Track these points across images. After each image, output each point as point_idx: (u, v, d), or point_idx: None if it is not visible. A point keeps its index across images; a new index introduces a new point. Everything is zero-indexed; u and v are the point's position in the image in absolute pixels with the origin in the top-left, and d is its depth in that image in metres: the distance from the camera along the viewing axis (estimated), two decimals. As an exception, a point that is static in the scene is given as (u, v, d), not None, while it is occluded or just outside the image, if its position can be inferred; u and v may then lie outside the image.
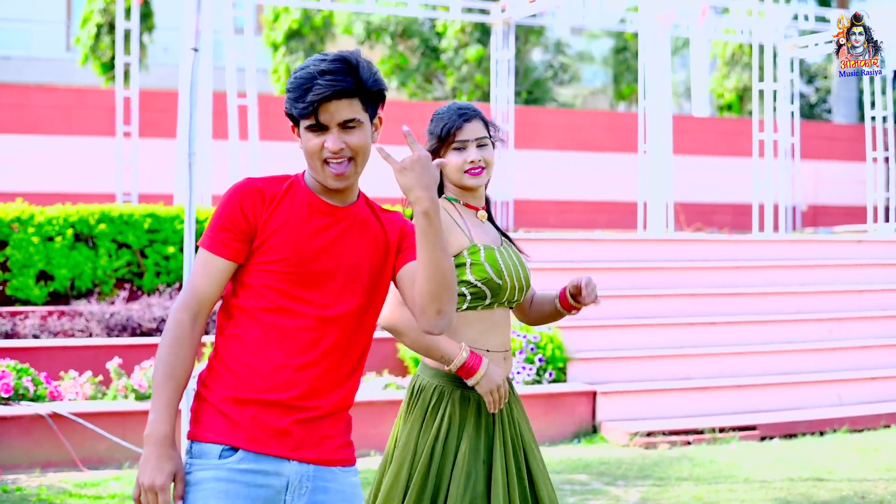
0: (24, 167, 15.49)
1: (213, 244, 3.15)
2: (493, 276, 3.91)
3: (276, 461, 3.09)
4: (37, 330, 9.90)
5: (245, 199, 3.16)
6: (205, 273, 3.15)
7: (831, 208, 20.25)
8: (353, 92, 3.14)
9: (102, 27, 17.82)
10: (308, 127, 3.15)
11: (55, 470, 8.33)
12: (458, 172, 4.04)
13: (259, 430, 3.08)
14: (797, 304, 11.95)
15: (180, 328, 3.11)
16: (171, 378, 3.08)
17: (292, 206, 3.19)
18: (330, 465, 3.17)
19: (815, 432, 10.15)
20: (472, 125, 4.04)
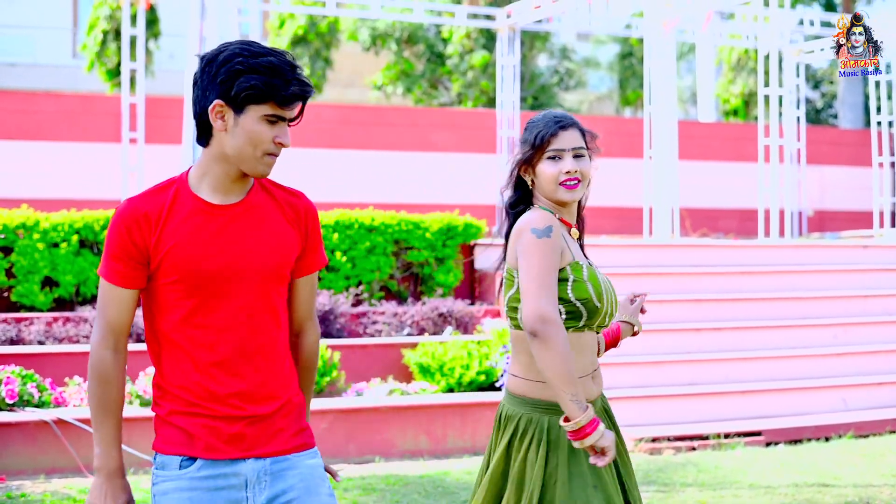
0: (29, 173, 15.51)
1: (111, 275, 3.21)
2: (594, 297, 3.68)
3: (233, 463, 3.21)
4: (42, 336, 9.91)
5: (132, 226, 3.19)
6: (111, 304, 3.23)
7: (837, 213, 20.21)
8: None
9: (108, 34, 17.85)
10: (268, 115, 3.15)
11: (60, 476, 8.34)
12: (553, 184, 3.72)
13: (213, 438, 3.20)
14: (802, 310, 11.93)
15: (103, 365, 3.22)
16: (107, 414, 3.22)
17: (180, 218, 3.20)
18: (285, 454, 3.28)
19: (821, 437, 10.14)
20: (569, 133, 3.73)
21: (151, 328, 3.27)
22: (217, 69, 3.13)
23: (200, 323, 3.20)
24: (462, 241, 11.97)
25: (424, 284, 11.82)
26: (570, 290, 3.66)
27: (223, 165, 3.21)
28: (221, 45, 3.20)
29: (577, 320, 3.68)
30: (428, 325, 10.96)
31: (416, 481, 8.30)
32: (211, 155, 3.22)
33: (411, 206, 13.93)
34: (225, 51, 3.16)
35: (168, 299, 3.20)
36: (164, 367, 3.25)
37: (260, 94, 3.12)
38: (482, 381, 10.02)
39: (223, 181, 3.22)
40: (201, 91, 3.18)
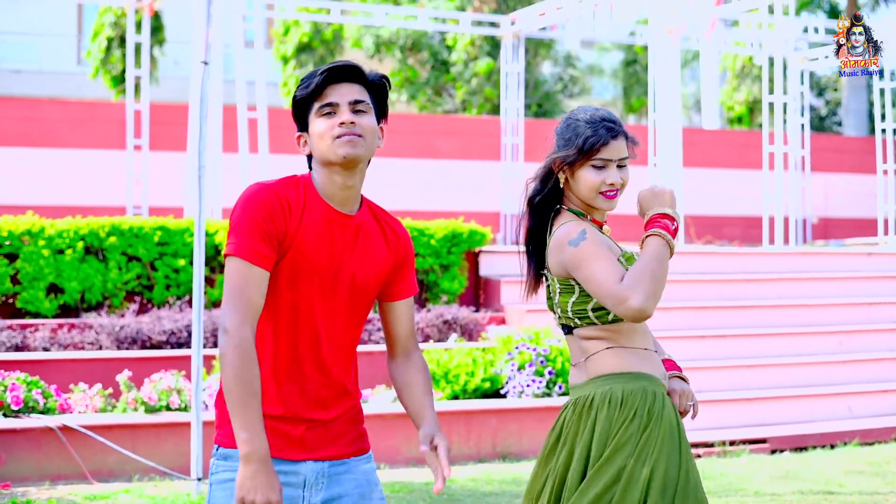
0: (34, 180, 15.53)
1: (252, 254, 3.17)
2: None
3: (293, 463, 3.25)
4: (47, 343, 9.92)
5: (276, 207, 3.21)
6: (252, 285, 3.16)
7: (842, 221, 20.21)
8: (358, 76, 3.32)
9: (113, 40, 17.88)
10: (319, 109, 3.27)
11: (65, 483, 8.33)
12: (593, 192, 3.66)
13: (275, 438, 3.22)
14: (807, 317, 11.93)
15: (247, 344, 3.14)
16: (253, 396, 3.12)
17: (310, 215, 3.26)
18: (343, 458, 3.33)
19: (826, 445, 10.12)
20: (618, 143, 3.65)
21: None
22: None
23: (292, 323, 3.23)
24: (467, 248, 11.96)
25: (429, 291, 11.82)
26: None
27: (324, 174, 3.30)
28: None
29: None
30: (433, 332, 10.96)
31: (422, 488, 8.30)
32: (316, 169, 3.32)
33: (416, 212, 13.94)
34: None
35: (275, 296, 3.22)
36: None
37: (303, 99, 3.29)
38: (487, 389, 10.01)
39: (332, 192, 3.30)
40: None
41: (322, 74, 3.27)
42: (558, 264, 3.66)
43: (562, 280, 3.68)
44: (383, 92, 3.39)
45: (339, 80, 3.28)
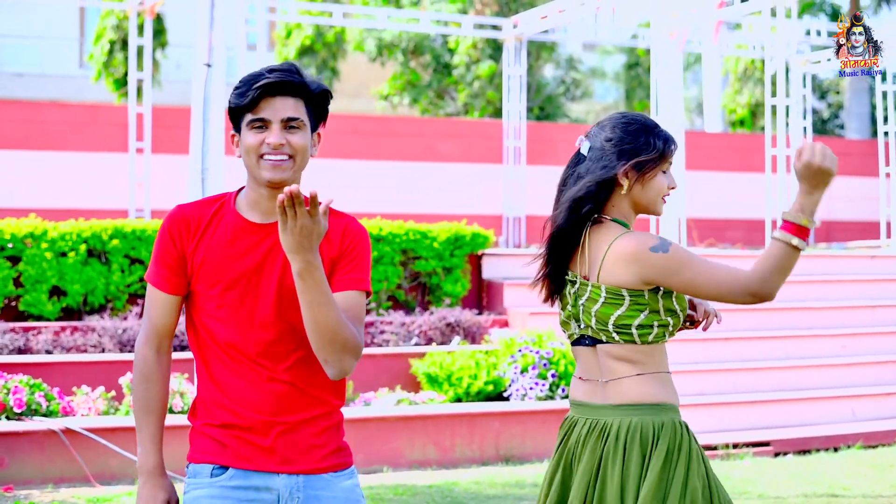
0: (37, 183, 15.52)
1: (156, 279, 3.28)
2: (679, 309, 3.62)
3: (266, 476, 3.20)
4: (49, 345, 9.91)
5: (174, 230, 3.25)
6: (156, 306, 3.29)
7: (844, 224, 20.19)
8: (298, 90, 3.20)
9: (115, 44, 17.87)
10: (250, 122, 3.19)
11: (68, 485, 8.34)
12: (660, 196, 3.66)
13: (245, 448, 3.20)
14: (810, 320, 11.92)
15: (146, 364, 3.29)
16: (148, 413, 3.28)
17: (217, 230, 3.24)
18: (320, 473, 3.24)
19: (830, 448, 10.12)
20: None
21: (189, 341, 3.33)
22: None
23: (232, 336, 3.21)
24: (470, 251, 11.96)
25: (432, 294, 11.82)
26: (675, 301, 3.58)
27: (251, 184, 3.27)
28: None
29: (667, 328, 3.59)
30: (436, 335, 10.96)
31: (425, 491, 8.29)
32: (246, 177, 3.29)
33: (418, 215, 13.93)
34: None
35: (202, 313, 3.25)
36: (198, 376, 3.31)
37: (237, 108, 3.21)
38: (490, 391, 10.01)
39: (258, 200, 3.26)
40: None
41: (257, 88, 3.16)
42: (635, 274, 3.52)
43: (613, 290, 3.55)
44: (324, 101, 3.28)
45: (274, 93, 3.18)
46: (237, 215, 3.25)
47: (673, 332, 3.62)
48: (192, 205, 3.29)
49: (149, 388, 3.28)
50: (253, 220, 3.24)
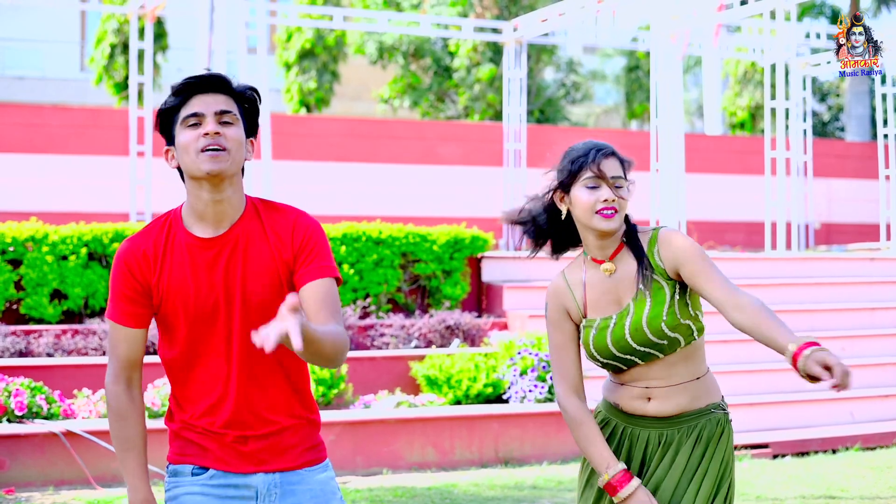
0: (38, 186, 15.56)
1: (118, 316, 3.29)
2: (588, 356, 3.76)
3: (244, 476, 3.29)
4: (50, 348, 9.94)
5: (133, 265, 3.26)
6: (121, 343, 3.31)
7: (844, 226, 20.22)
8: (227, 88, 3.26)
9: (116, 47, 17.92)
10: (184, 120, 3.22)
11: (68, 488, 8.36)
12: (588, 212, 3.69)
13: (224, 453, 3.28)
14: (810, 322, 11.94)
15: (118, 401, 3.32)
16: (129, 450, 3.32)
17: (175, 255, 3.26)
18: (295, 470, 3.34)
19: (828, 450, 10.14)
20: (609, 161, 3.69)
21: (162, 354, 3.34)
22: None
23: (201, 353, 3.27)
24: (469, 254, 11.98)
25: (432, 297, 11.84)
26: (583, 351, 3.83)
27: (192, 191, 3.27)
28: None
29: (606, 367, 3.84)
30: (435, 338, 10.98)
31: (424, 493, 8.31)
32: (187, 189, 3.30)
33: (418, 218, 13.96)
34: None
35: (169, 332, 3.30)
36: (172, 387, 3.36)
37: (169, 109, 3.27)
38: (489, 394, 10.03)
39: (203, 210, 3.26)
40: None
41: (187, 85, 3.23)
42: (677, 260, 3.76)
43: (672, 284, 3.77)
44: (253, 105, 3.32)
45: (204, 90, 3.23)
46: (188, 234, 3.28)
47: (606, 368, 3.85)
48: (140, 235, 3.30)
49: (125, 426, 3.31)
50: (204, 235, 3.28)
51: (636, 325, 3.67)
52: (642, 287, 3.69)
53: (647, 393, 3.75)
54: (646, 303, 3.69)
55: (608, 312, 3.73)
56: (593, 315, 3.74)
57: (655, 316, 3.68)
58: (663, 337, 3.69)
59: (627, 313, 3.69)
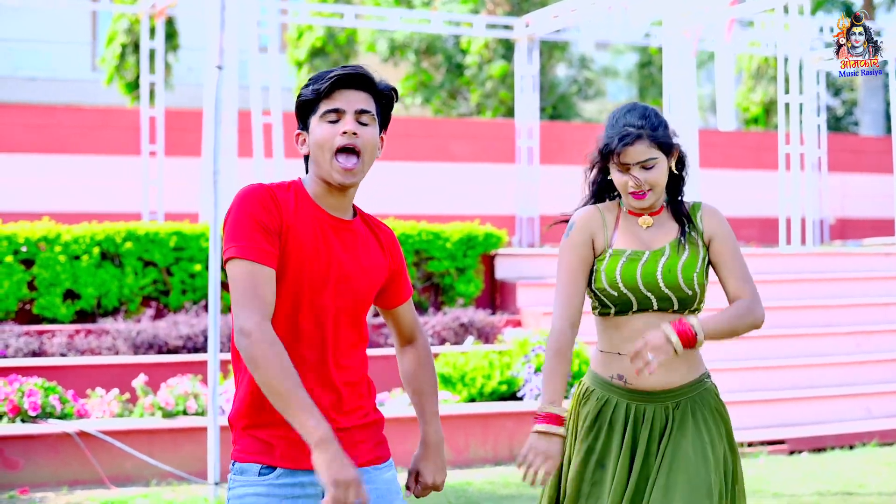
0: (50, 187, 15.58)
1: (257, 254, 3.09)
2: (607, 286, 3.74)
3: (311, 473, 3.10)
4: (64, 348, 9.93)
5: (269, 203, 3.16)
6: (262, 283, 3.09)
7: (859, 221, 20.14)
8: (369, 85, 3.24)
9: (127, 47, 17.90)
10: (323, 114, 3.21)
11: (82, 488, 8.36)
12: (623, 191, 3.80)
13: (292, 449, 3.17)
14: (825, 318, 11.88)
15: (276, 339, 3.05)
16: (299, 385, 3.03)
17: (302, 216, 3.21)
18: (363, 467, 3.25)
19: (845, 446, 10.08)
20: (634, 149, 3.71)
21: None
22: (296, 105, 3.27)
23: (291, 328, 3.17)
24: (483, 251, 11.95)
25: (445, 294, 11.81)
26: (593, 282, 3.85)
27: (319, 184, 3.26)
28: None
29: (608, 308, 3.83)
30: (449, 335, 10.95)
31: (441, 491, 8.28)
32: (311, 177, 3.28)
33: (431, 216, 13.93)
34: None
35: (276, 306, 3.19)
36: (248, 376, 3.18)
37: (309, 100, 3.23)
38: (504, 391, 10.00)
39: (327, 198, 3.27)
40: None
41: (332, 78, 3.20)
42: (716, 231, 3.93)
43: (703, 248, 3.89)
44: (390, 103, 3.33)
45: (348, 85, 3.22)
46: (317, 207, 3.25)
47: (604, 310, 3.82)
48: (272, 185, 3.22)
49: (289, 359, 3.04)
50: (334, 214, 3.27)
51: (670, 266, 3.75)
52: (683, 239, 3.79)
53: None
54: (684, 251, 3.78)
55: (631, 248, 3.79)
56: (622, 247, 3.79)
57: (690, 265, 3.77)
58: (690, 286, 3.77)
59: (662, 254, 3.77)
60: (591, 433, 3.82)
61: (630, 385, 3.78)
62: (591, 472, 3.78)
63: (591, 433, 3.82)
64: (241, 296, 3.06)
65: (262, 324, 3.04)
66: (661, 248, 3.78)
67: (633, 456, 3.74)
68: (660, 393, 3.76)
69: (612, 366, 3.82)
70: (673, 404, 3.77)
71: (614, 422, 3.78)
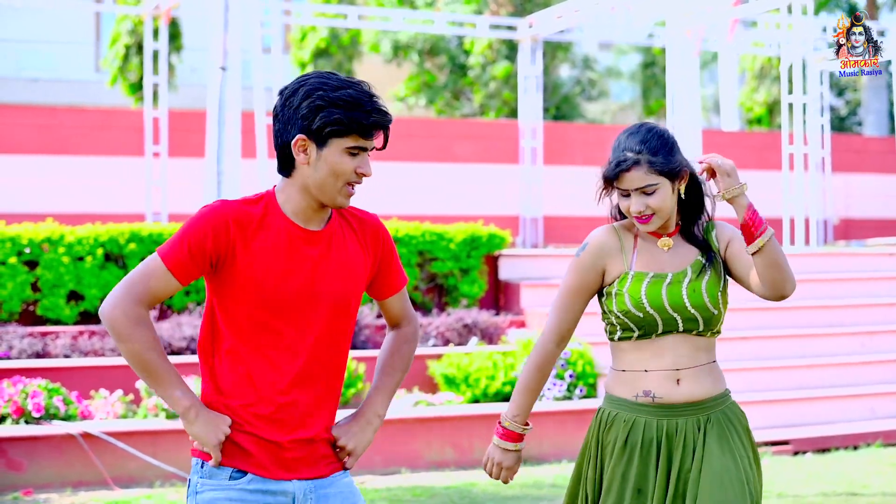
0: (53, 188, 15.58)
1: (174, 262, 3.19)
2: (632, 308, 3.67)
3: (281, 482, 3.26)
4: (67, 350, 9.94)
5: (219, 227, 3.19)
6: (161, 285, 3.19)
7: (863, 221, 20.11)
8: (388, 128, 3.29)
9: (131, 48, 17.91)
10: (351, 148, 3.21)
11: (87, 489, 8.37)
12: (628, 214, 3.74)
13: (267, 459, 3.25)
14: (829, 318, 11.88)
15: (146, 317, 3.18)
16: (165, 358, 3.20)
17: (269, 233, 3.24)
18: (327, 477, 3.34)
19: (849, 446, 10.08)
20: (631, 175, 3.66)
21: (214, 340, 3.27)
22: (299, 103, 3.19)
23: (268, 342, 3.23)
24: (486, 252, 11.94)
25: (449, 295, 11.81)
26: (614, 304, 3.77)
27: (305, 196, 3.26)
28: (300, 79, 3.25)
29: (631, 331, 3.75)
30: (453, 336, 10.95)
31: (443, 492, 8.29)
32: (293, 186, 3.27)
33: (435, 217, 13.93)
34: (304, 85, 3.21)
35: (240, 313, 3.22)
36: (221, 382, 3.26)
37: (342, 128, 3.18)
38: (508, 392, 9.99)
39: (305, 210, 3.28)
40: (283, 125, 3.24)
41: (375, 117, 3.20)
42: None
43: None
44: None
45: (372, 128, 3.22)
46: (286, 219, 3.26)
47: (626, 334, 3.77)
48: (237, 202, 3.25)
49: (148, 334, 3.18)
50: (303, 226, 3.28)
51: (695, 286, 3.71)
52: (707, 264, 3.75)
53: (677, 375, 3.71)
54: (706, 273, 3.75)
55: (654, 270, 3.74)
56: (643, 269, 3.74)
57: (713, 285, 3.74)
58: (716, 306, 3.75)
59: (685, 275, 3.72)
60: (622, 458, 3.71)
61: (659, 400, 3.70)
62: (629, 501, 3.68)
63: (622, 458, 3.71)
64: (133, 276, 3.20)
65: (134, 304, 3.16)
66: (682, 270, 3.74)
67: (668, 474, 3.67)
68: (688, 406, 3.71)
69: (637, 384, 3.73)
70: (704, 417, 3.72)
71: (646, 442, 3.69)
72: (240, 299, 3.22)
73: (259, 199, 3.27)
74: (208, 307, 3.29)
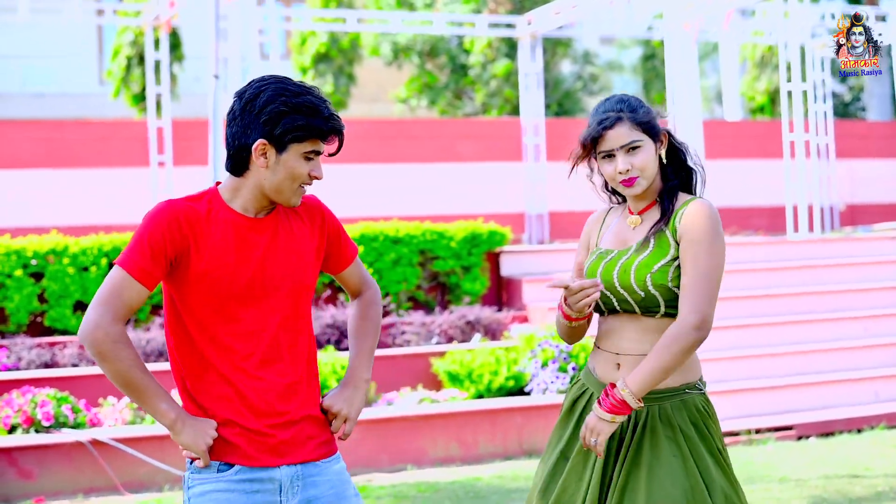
0: (58, 201, 15.67)
1: (135, 269, 3.27)
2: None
3: (268, 470, 3.36)
4: (75, 359, 10.04)
5: (172, 225, 3.29)
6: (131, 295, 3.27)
7: (869, 206, 20.12)
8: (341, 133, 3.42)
9: (133, 59, 18.02)
10: (308, 152, 3.32)
11: (97, 495, 8.46)
12: (614, 182, 3.74)
13: (251, 448, 3.35)
14: (833, 303, 11.91)
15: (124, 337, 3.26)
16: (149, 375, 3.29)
17: (217, 226, 3.33)
18: (314, 461, 3.43)
19: (853, 430, 10.12)
20: (616, 131, 3.66)
21: (179, 338, 3.37)
22: (260, 108, 3.28)
23: (230, 330, 3.33)
24: (487, 249, 12.02)
25: (451, 293, 11.88)
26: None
27: (256, 195, 3.37)
28: (257, 83, 3.34)
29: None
30: (456, 334, 11.03)
31: (448, 488, 8.36)
32: (245, 185, 3.37)
33: (437, 217, 14.01)
34: (265, 90, 3.30)
35: (200, 306, 3.32)
36: (194, 380, 3.37)
37: (303, 134, 3.29)
38: (511, 387, 10.07)
39: (255, 206, 3.39)
40: (241, 128, 3.31)
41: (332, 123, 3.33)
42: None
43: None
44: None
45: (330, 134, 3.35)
46: (231, 210, 3.36)
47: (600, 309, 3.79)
48: (184, 200, 3.33)
49: (131, 352, 3.26)
50: (248, 215, 3.38)
51: (626, 266, 3.65)
52: (650, 235, 3.67)
53: (617, 359, 3.69)
54: (646, 250, 3.66)
55: (612, 247, 3.77)
56: (606, 246, 3.80)
57: (646, 265, 3.63)
58: (643, 288, 3.61)
59: (625, 253, 3.69)
60: (563, 421, 3.82)
61: (599, 379, 3.75)
62: (553, 462, 3.76)
63: (563, 421, 3.82)
64: (104, 295, 3.27)
65: (113, 323, 3.24)
66: (627, 248, 3.71)
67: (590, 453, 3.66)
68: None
69: (592, 358, 3.83)
70: (643, 411, 3.63)
71: (585, 413, 3.73)
72: (198, 293, 3.31)
73: (202, 196, 3.37)
74: (169, 309, 3.38)
